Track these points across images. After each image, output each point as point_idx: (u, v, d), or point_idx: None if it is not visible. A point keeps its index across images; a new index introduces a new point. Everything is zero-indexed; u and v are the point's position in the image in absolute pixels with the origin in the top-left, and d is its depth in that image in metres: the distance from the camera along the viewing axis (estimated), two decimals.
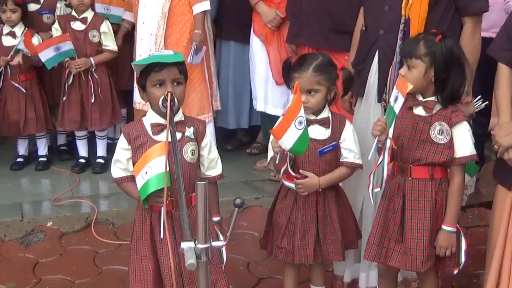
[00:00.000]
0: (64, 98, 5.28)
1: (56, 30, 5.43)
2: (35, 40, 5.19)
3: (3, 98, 5.33)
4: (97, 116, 5.25)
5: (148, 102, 3.04)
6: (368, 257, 3.23)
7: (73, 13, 5.24)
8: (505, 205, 3.05)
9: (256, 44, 5.16)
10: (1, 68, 5.14)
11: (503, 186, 3.07)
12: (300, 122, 2.96)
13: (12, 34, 5.19)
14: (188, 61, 4.46)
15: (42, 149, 5.57)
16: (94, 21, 5.21)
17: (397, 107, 3.04)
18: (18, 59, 5.10)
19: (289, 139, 2.98)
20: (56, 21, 5.47)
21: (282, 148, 3.07)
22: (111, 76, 5.42)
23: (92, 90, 5.21)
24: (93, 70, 5.20)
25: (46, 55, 5.05)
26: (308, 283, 3.61)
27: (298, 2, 4.47)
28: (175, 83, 2.92)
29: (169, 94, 2.81)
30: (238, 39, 5.42)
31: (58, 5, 5.68)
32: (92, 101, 5.21)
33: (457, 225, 3.10)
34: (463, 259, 3.13)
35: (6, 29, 5.23)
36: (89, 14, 5.21)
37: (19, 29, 5.21)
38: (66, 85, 5.24)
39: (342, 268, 3.73)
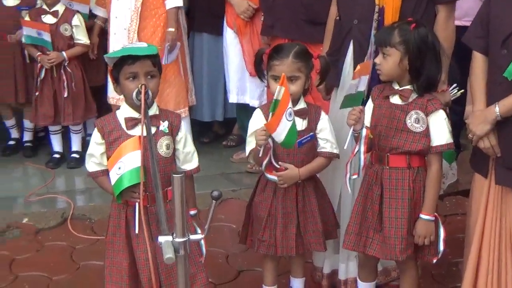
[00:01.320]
0: (37, 93, 5.23)
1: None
2: None
3: None
4: (70, 110, 5.21)
5: (122, 96, 3.02)
6: (347, 246, 3.24)
7: (44, 6, 5.18)
8: (482, 193, 3.08)
9: (229, 35, 5.15)
10: None
11: (479, 174, 3.11)
12: (290, 114, 2.98)
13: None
14: (163, 62, 4.45)
15: (76, 145, 5.53)
16: (65, 14, 5.16)
17: (361, 87, 3.13)
18: None
19: (282, 132, 2.99)
20: (27, 15, 5.42)
21: (267, 141, 3.08)
22: (83, 71, 5.38)
23: (65, 85, 5.17)
24: (65, 64, 5.16)
25: (28, 31, 5.08)
26: (287, 274, 3.62)
27: None
28: (149, 76, 2.90)
29: (143, 86, 2.78)
30: (211, 31, 5.41)
31: (38, 1, 5.62)
32: (65, 95, 5.17)
33: (435, 213, 3.11)
34: (441, 247, 3.14)
35: None
36: (60, 8, 5.16)
37: None
38: (39, 79, 5.20)
39: (321, 259, 3.74)
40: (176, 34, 4.82)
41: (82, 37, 5.19)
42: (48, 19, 5.12)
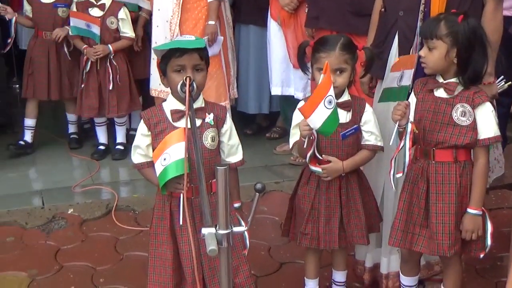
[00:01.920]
0: (82, 86, 5.29)
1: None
2: None
3: None
4: (115, 103, 5.26)
5: (164, 88, 3.04)
6: (393, 243, 3.22)
7: None
8: None
9: (273, 28, 5.15)
10: None
11: None
12: (330, 102, 2.95)
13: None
14: None
15: (121, 137, 5.58)
16: (112, 7, 5.20)
17: (406, 81, 3.10)
18: None
19: (318, 118, 2.97)
20: (74, 7, 5.48)
21: (311, 131, 3.06)
22: (128, 64, 5.42)
23: (110, 78, 5.22)
24: (111, 57, 5.20)
25: (76, 23, 5.13)
26: (329, 267, 3.62)
27: None
28: (196, 69, 2.91)
29: (188, 78, 2.80)
30: (256, 22, 5.42)
31: None
32: (110, 88, 5.22)
33: (483, 208, 3.08)
34: (489, 242, 3.10)
35: None
36: (107, 1, 5.20)
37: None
38: (84, 72, 5.26)
39: (363, 252, 3.73)
40: (216, 27, 4.83)
41: (128, 30, 5.23)
42: (95, 12, 5.17)
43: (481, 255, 3.14)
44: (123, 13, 5.20)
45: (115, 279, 3.83)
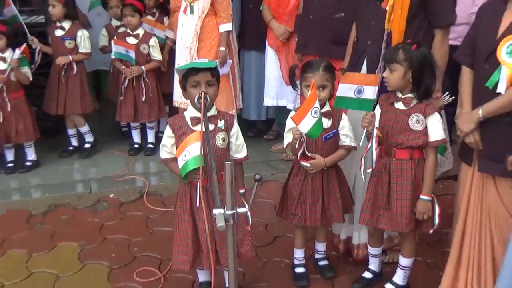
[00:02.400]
0: (121, 98, 5.27)
1: (103, 37, 5.55)
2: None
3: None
4: (147, 111, 5.24)
5: (187, 100, 3.05)
6: (362, 222, 3.26)
7: (128, 30, 5.20)
8: (467, 177, 3.09)
9: (270, 53, 5.13)
10: None
11: (465, 163, 3.12)
12: (316, 112, 2.98)
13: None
14: None
15: (151, 138, 5.50)
16: (144, 37, 5.17)
17: (368, 94, 3.14)
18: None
19: (306, 125, 3.00)
20: (104, 29, 5.54)
21: (301, 135, 3.08)
22: (157, 81, 5.38)
23: (143, 91, 5.20)
24: (144, 75, 5.19)
25: (118, 49, 5.11)
26: (313, 240, 3.64)
27: (306, 21, 4.45)
28: (208, 85, 2.92)
29: (203, 93, 2.82)
30: (257, 49, 5.38)
31: (106, 16, 5.76)
32: (143, 99, 5.20)
33: (432, 194, 3.10)
34: (437, 221, 3.14)
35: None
36: (140, 31, 5.18)
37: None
38: (122, 87, 5.24)
39: (338, 228, 3.73)
40: (226, 52, 4.81)
41: (156, 55, 5.20)
42: (131, 40, 5.14)
43: (431, 231, 3.18)
44: (153, 41, 5.18)
45: (146, 248, 3.85)
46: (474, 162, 3.03)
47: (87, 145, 5.37)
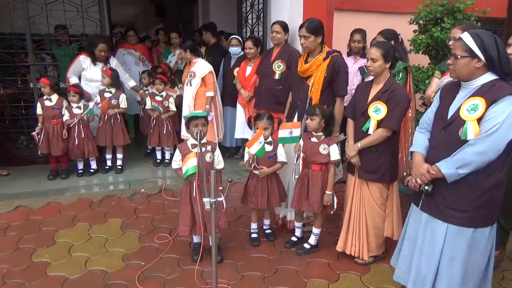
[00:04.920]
0: (151, 131, 5.14)
1: (138, 96, 5.32)
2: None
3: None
4: (166, 140, 5.12)
5: (189, 134, 3.04)
6: (292, 207, 3.26)
7: (155, 91, 5.08)
8: (352, 182, 3.13)
9: (239, 108, 5.08)
10: None
11: (350, 174, 3.16)
12: (260, 142, 3.03)
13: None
14: None
15: (168, 156, 5.26)
16: (166, 96, 5.06)
17: (296, 133, 3.14)
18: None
19: (254, 149, 3.04)
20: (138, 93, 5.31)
21: (252, 155, 3.10)
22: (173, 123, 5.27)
23: (164, 128, 5.08)
24: (166, 119, 5.06)
25: (152, 104, 4.94)
26: (262, 217, 3.62)
27: (260, 90, 4.43)
28: (203, 125, 2.93)
29: (199, 131, 2.84)
30: (232, 105, 5.28)
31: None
32: (164, 133, 5.09)
33: (332, 190, 3.13)
34: (335, 206, 3.17)
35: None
36: (164, 93, 5.08)
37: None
38: (152, 125, 5.10)
39: (278, 210, 3.73)
40: (208, 109, 4.72)
41: (173, 107, 5.10)
42: (158, 98, 5.05)
43: (331, 212, 3.20)
44: (172, 99, 5.10)
45: (162, 222, 3.78)
46: (356, 173, 3.07)
47: (119, 163, 5.04)
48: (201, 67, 4.68)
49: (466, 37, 2.09)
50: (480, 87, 2.09)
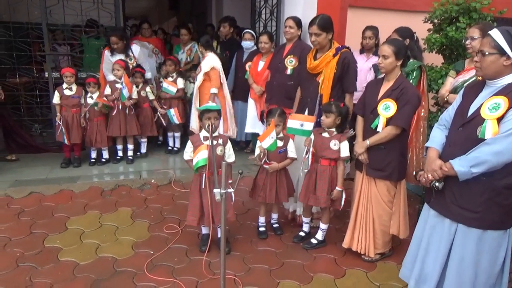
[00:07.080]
0: (165, 124, 5.13)
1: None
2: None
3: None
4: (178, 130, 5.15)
5: (196, 127, 3.05)
6: (300, 201, 3.27)
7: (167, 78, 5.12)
8: (359, 179, 3.12)
9: (251, 102, 5.08)
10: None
11: (358, 171, 3.15)
12: (272, 137, 3.05)
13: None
14: None
15: (178, 144, 5.28)
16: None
17: (308, 127, 3.14)
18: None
19: (266, 143, 3.07)
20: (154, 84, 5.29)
21: (264, 149, 3.11)
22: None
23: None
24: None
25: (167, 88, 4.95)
26: (270, 212, 3.63)
27: (271, 85, 4.42)
28: (215, 118, 2.94)
29: (211, 123, 2.86)
30: (243, 99, 5.28)
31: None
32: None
33: (342, 186, 3.13)
34: (343, 202, 3.16)
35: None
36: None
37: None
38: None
39: (287, 205, 3.74)
40: (214, 101, 4.66)
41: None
42: (170, 79, 5.04)
43: (340, 208, 3.20)
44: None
45: (172, 213, 3.82)
46: (364, 170, 3.06)
47: (130, 153, 5.05)
48: (207, 61, 4.67)
49: (495, 34, 1.99)
50: (506, 87, 2.00)
